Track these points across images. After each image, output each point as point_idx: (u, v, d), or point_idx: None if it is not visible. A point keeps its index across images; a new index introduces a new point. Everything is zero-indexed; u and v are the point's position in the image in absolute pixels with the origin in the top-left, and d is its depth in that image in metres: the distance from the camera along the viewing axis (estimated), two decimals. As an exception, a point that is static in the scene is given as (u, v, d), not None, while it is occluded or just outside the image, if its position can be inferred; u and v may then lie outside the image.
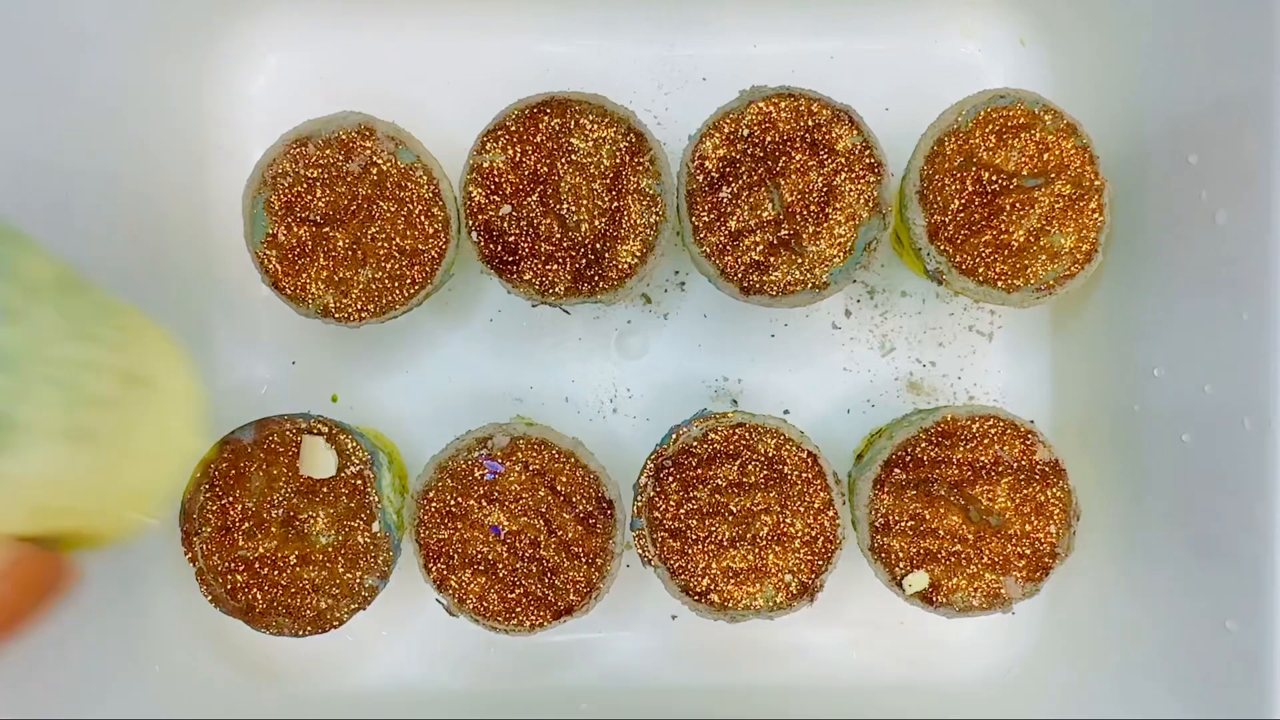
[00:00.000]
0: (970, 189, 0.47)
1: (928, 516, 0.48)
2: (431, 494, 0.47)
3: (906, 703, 0.54)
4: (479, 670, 0.55)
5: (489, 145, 0.47)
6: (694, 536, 0.47)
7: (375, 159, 0.47)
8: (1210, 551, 0.43)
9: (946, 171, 0.47)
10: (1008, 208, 0.47)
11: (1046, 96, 0.48)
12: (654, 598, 0.54)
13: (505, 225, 0.47)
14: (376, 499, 0.47)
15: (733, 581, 0.47)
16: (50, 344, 0.28)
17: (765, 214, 0.47)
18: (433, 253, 0.47)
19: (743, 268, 0.47)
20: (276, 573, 0.47)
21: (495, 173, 0.47)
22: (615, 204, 0.47)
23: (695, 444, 0.47)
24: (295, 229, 0.47)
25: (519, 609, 0.47)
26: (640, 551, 0.50)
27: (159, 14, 0.51)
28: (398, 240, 0.47)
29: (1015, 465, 0.48)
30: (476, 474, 0.47)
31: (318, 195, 0.47)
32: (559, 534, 0.47)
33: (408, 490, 0.50)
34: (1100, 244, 0.47)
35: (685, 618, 0.55)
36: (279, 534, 0.47)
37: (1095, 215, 0.47)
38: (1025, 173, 0.47)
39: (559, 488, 0.47)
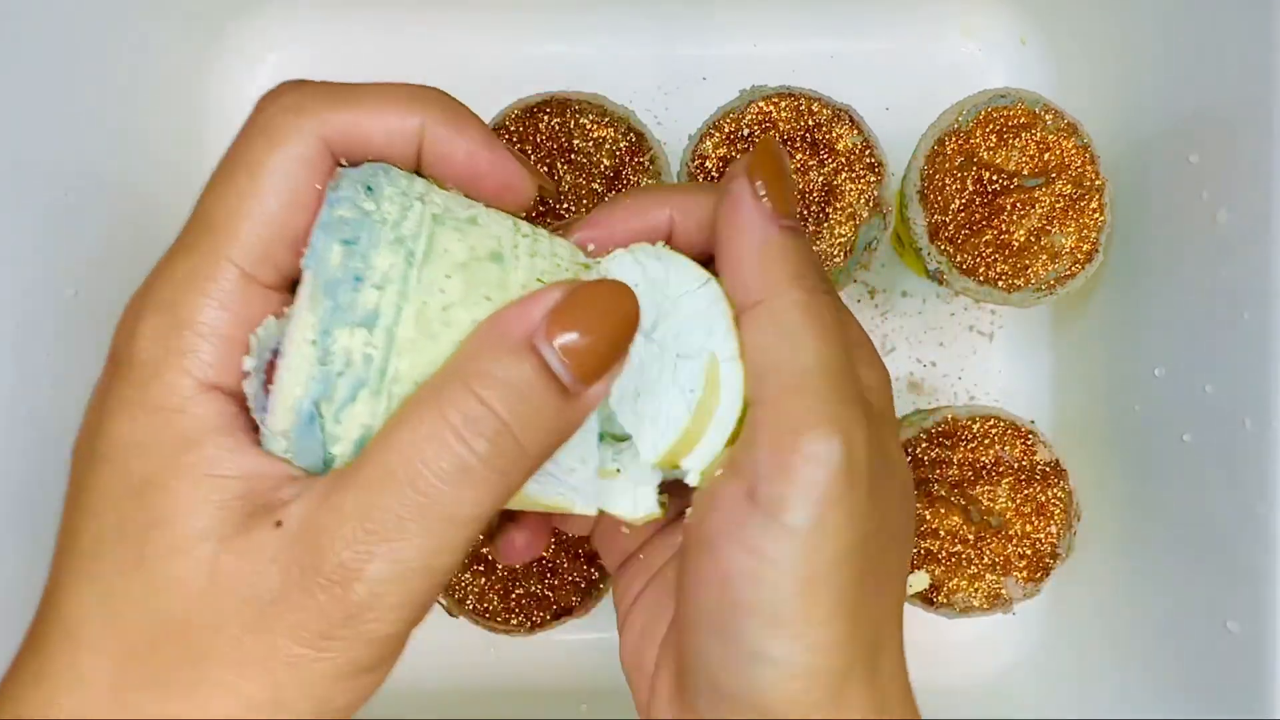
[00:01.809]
0: (971, 189, 0.47)
1: (928, 517, 0.48)
2: (431, 494, 0.47)
3: (907, 703, 0.54)
4: (479, 670, 0.55)
5: (489, 145, 0.47)
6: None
7: (375, 159, 0.47)
8: (1210, 551, 0.43)
9: (947, 171, 0.47)
10: (1008, 207, 0.47)
11: (1047, 96, 0.48)
12: (654, 598, 0.54)
13: (505, 225, 0.47)
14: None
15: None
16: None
17: (765, 214, 0.47)
18: (433, 253, 0.47)
19: (743, 268, 0.47)
20: (276, 573, 0.47)
21: (495, 173, 0.47)
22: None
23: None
24: (295, 229, 0.47)
25: (519, 609, 0.47)
26: (640, 552, 0.50)
27: (158, 14, 0.51)
28: (398, 240, 0.47)
29: (1016, 465, 0.48)
30: (476, 474, 0.47)
31: (317, 195, 0.47)
32: (559, 534, 0.47)
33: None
34: (1101, 244, 0.47)
35: (685, 618, 0.55)
36: (279, 534, 0.47)
37: (1096, 215, 0.47)
38: (1026, 172, 0.47)
39: (559, 488, 0.47)
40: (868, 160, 0.47)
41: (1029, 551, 0.48)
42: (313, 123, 0.26)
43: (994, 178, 0.47)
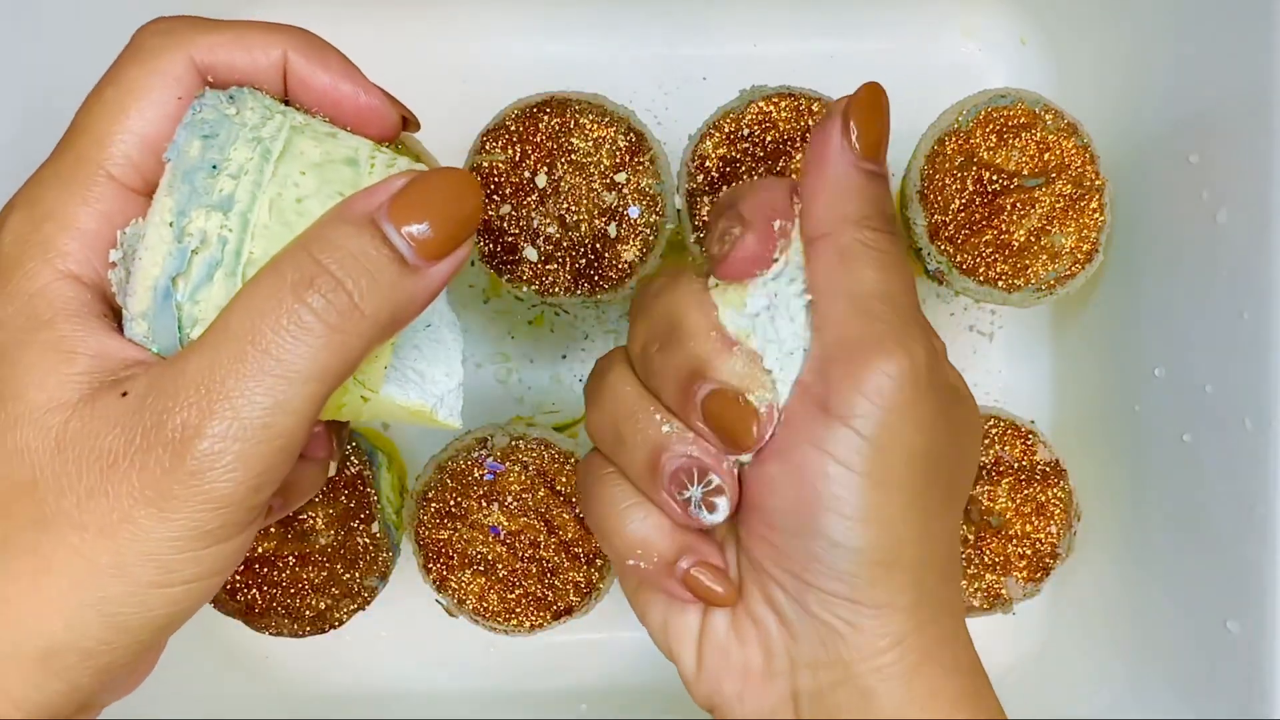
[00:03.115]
0: (971, 189, 0.47)
1: (928, 516, 0.48)
2: (431, 494, 0.47)
3: (906, 703, 0.54)
4: (479, 670, 0.55)
5: (489, 145, 0.47)
6: (694, 536, 0.47)
7: (375, 159, 0.47)
8: (1210, 551, 0.43)
9: (947, 171, 0.47)
10: (1008, 207, 0.47)
11: (1047, 96, 0.48)
12: (654, 598, 0.54)
13: (505, 225, 0.47)
14: (376, 499, 0.47)
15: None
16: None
17: (765, 214, 0.47)
18: (433, 253, 0.47)
19: (743, 268, 0.47)
20: (276, 573, 0.47)
21: (495, 173, 0.47)
22: (615, 204, 0.47)
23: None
24: (295, 229, 0.47)
25: (519, 609, 0.47)
26: (640, 552, 0.50)
27: (158, 14, 0.51)
28: (397, 240, 0.47)
29: (1016, 465, 0.48)
30: (476, 474, 0.47)
31: (317, 195, 0.47)
32: (559, 534, 0.47)
33: (407, 490, 0.50)
34: (1101, 244, 0.47)
35: (685, 618, 0.55)
36: (278, 534, 0.47)
37: (1096, 215, 0.47)
38: (1026, 172, 0.47)
39: (559, 488, 0.47)
40: (868, 160, 0.47)
41: (1029, 551, 0.48)
42: (179, 42, 0.28)
43: (994, 178, 0.47)
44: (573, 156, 0.47)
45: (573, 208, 0.47)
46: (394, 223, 0.26)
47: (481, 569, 0.47)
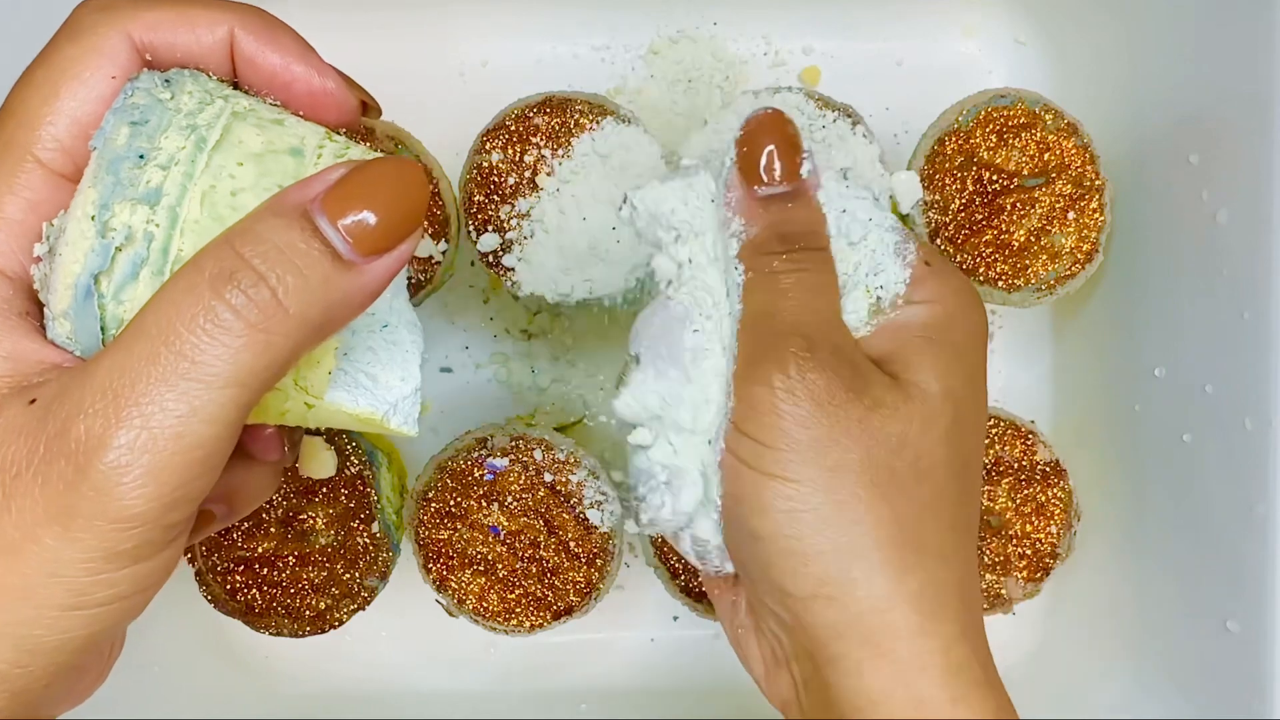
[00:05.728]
0: (971, 189, 0.47)
1: (928, 516, 0.48)
2: (431, 494, 0.47)
3: (906, 703, 0.54)
4: (479, 670, 0.55)
5: (489, 145, 0.47)
6: (694, 536, 0.47)
7: (375, 159, 0.47)
8: (1210, 551, 0.43)
9: (947, 171, 0.47)
10: (1008, 207, 0.47)
11: (1047, 96, 0.48)
12: (654, 598, 0.54)
13: (505, 225, 0.47)
14: (376, 499, 0.47)
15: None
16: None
17: (765, 214, 0.47)
18: (433, 253, 0.47)
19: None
20: (276, 573, 0.47)
21: (495, 172, 0.47)
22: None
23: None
24: (295, 229, 0.47)
25: (519, 609, 0.47)
26: (640, 552, 0.50)
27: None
28: (397, 240, 0.47)
29: (1016, 465, 0.48)
30: (476, 474, 0.47)
31: (317, 195, 0.47)
32: (559, 534, 0.47)
33: (407, 490, 0.50)
34: (1101, 244, 0.47)
35: (685, 618, 0.55)
36: (278, 534, 0.47)
37: (1096, 215, 0.47)
38: (1026, 172, 0.47)
39: (559, 488, 0.47)
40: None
41: (1029, 551, 0.48)
42: (117, 18, 0.26)
43: (994, 178, 0.47)
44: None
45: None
46: (328, 215, 0.24)
47: (481, 569, 0.47)
